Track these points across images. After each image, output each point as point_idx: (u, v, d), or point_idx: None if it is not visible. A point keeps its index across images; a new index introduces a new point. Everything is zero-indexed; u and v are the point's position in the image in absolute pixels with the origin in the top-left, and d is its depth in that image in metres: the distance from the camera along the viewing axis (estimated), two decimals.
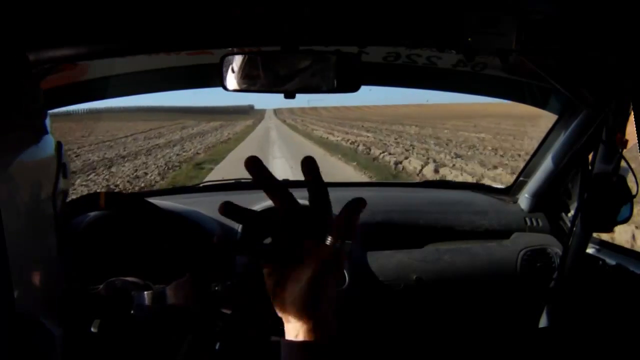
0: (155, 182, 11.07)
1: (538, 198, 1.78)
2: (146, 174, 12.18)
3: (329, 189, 0.54)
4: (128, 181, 10.92)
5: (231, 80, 1.03)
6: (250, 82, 1.03)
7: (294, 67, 1.00)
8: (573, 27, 0.90)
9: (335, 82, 1.04)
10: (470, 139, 21.30)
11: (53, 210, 0.51)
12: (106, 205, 1.14)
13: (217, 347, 1.12)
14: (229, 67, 1.02)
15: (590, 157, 1.39)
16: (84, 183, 10.29)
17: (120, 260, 1.23)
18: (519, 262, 1.62)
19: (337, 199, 0.55)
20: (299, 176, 0.58)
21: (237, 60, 1.02)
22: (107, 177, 11.48)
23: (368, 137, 23.83)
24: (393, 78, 1.71)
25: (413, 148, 17.21)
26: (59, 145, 0.53)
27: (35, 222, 0.48)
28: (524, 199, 1.82)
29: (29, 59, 0.55)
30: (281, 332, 0.56)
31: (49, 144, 0.51)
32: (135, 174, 12.09)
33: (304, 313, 0.54)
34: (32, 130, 0.49)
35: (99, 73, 1.52)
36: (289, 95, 1.01)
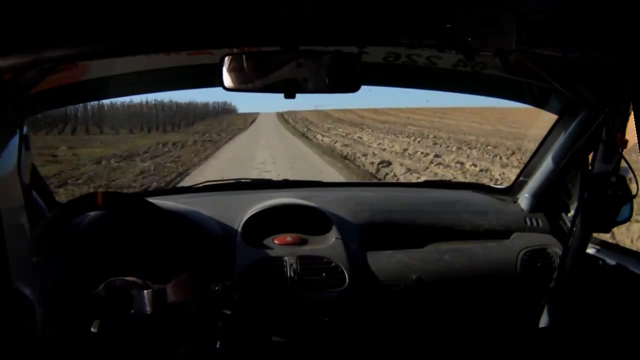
0: None
1: (538, 198, 1.78)
2: None
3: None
4: None
5: (231, 80, 1.03)
6: (250, 82, 1.03)
7: (294, 67, 1.00)
8: (573, 27, 0.90)
9: (335, 82, 1.04)
10: None
11: (20, 182, 0.51)
12: (104, 205, 1.14)
13: (217, 346, 1.12)
14: (228, 67, 1.02)
15: (590, 157, 1.39)
16: None
17: (120, 260, 1.23)
18: (519, 262, 1.62)
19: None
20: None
21: (237, 60, 1.02)
22: None
23: None
24: (393, 78, 1.71)
25: None
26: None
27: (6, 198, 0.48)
28: (524, 199, 1.82)
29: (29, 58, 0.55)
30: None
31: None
32: None
33: None
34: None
35: (99, 73, 1.52)
36: (289, 95, 1.01)
